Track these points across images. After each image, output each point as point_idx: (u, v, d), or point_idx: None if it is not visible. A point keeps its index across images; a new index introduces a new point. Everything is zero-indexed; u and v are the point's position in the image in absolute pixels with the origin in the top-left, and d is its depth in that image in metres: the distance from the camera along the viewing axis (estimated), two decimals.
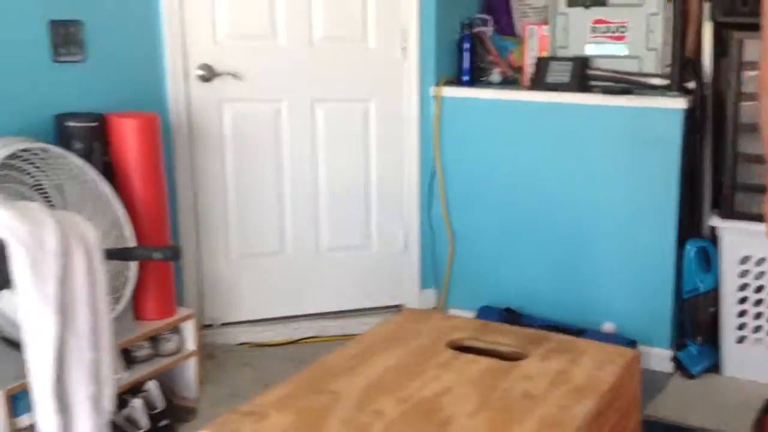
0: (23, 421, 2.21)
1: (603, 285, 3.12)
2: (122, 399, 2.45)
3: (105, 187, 2.37)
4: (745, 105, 2.84)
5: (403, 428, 1.35)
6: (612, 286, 3.10)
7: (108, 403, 1.62)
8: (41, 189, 2.24)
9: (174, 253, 1.73)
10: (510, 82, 3.42)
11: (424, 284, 3.47)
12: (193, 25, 2.93)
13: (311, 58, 3.13)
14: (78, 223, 1.57)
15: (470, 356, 1.60)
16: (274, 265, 3.23)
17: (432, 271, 3.46)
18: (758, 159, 2.78)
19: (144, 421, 2.47)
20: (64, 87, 2.58)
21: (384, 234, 3.39)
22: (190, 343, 2.75)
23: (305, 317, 3.32)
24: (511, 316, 3.20)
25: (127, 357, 2.56)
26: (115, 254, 1.69)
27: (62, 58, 2.55)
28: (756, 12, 2.11)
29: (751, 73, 2.80)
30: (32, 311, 1.44)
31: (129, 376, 2.50)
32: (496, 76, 3.42)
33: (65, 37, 2.54)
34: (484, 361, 1.58)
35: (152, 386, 2.58)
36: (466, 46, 3.35)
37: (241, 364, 3.04)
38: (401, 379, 1.51)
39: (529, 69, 3.31)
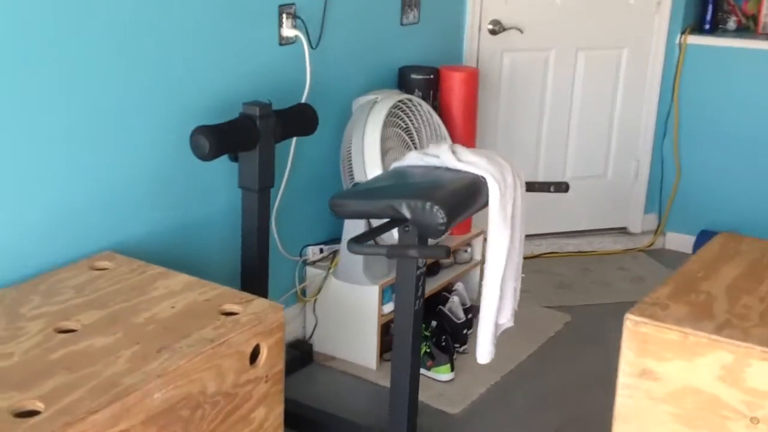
0: (387, 307, 2.89)
1: None
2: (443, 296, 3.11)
3: (444, 130, 3.00)
4: None
5: None
6: None
7: (518, 293, 2.27)
8: (407, 130, 2.88)
9: (566, 187, 2.34)
10: (744, 29, 3.83)
11: (648, 209, 3.99)
12: None
13: (578, 11, 3.62)
14: (512, 165, 2.18)
15: None
16: None
17: (657, 199, 3.96)
18: None
19: (460, 313, 3.13)
20: (405, 45, 3.17)
21: (619, 165, 3.89)
22: (478, 254, 3.39)
23: (545, 236, 3.87)
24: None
25: (437, 265, 3.20)
26: (528, 187, 2.27)
27: (406, 21, 3.17)
28: None
29: None
30: (496, 227, 2.07)
31: (440, 279, 3.14)
32: (731, 23, 3.84)
33: (409, 4, 3.14)
34: None
35: (460, 287, 3.21)
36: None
37: None
38: (753, 285, 2.06)
39: (765, 18, 3.72)
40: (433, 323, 2.88)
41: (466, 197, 2.01)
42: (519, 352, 2.97)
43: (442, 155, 2.15)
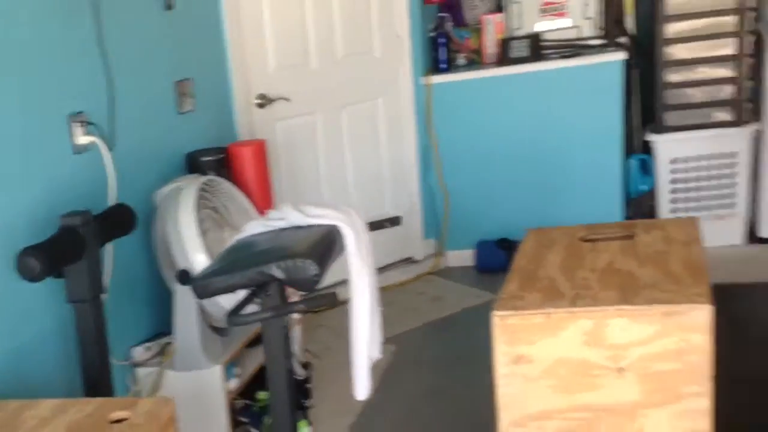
0: (232, 384, 2.86)
1: (572, 202, 4.05)
2: None
3: (247, 202, 3.06)
4: (670, 47, 3.88)
5: (604, 279, 2.18)
6: (579, 200, 4.04)
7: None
8: (216, 209, 2.91)
9: (399, 220, 2.53)
10: (472, 62, 4.31)
11: (427, 236, 4.32)
12: (250, 66, 3.60)
13: (334, 72, 3.89)
14: (355, 210, 2.31)
15: (603, 243, 2.47)
16: None
17: (433, 224, 4.31)
18: (678, 85, 3.85)
19: (299, 369, 3.16)
20: (188, 132, 3.22)
21: (397, 202, 4.17)
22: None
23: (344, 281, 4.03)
24: (504, 244, 4.11)
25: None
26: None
27: (184, 110, 3.21)
28: None
29: (673, 25, 3.84)
30: (357, 269, 2.18)
31: None
32: (462, 60, 4.31)
33: (183, 93, 3.19)
34: (615, 243, 2.46)
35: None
36: (441, 40, 4.21)
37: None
38: (576, 262, 2.34)
39: (489, 50, 4.21)
40: None
41: (328, 247, 2.11)
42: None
43: (289, 216, 2.23)
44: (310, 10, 3.79)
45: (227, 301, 2.69)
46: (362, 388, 2.24)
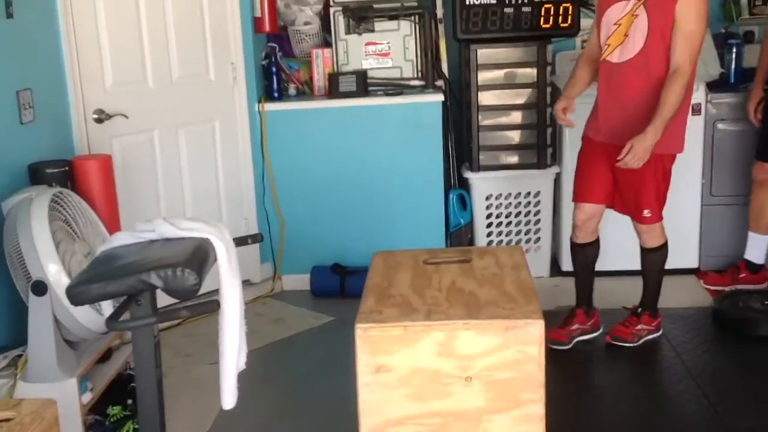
0: (85, 398, 2.84)
1: (399, 230, 4.35)
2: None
3: (95, 216, 3.05)
4: (481, 93, 4.29)
5: (450, 297, 2.43)
6: (406, 229, 4.35)
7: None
8: (66, 221, 2.88)
9: (261, 237, 2.65)
10: (302, 93, 4.51)
11: (263, 260, 4.45)
12: (87, 81, 3.57)
13: (171, 92, 3.93)
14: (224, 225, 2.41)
15: (445, 265, 2.73)
16: None
17: (269, 248, 4.44)
18: (490, 128, 4.27)
19: None
20: (29, 143, 3.15)
21: (232, 225, 4.25)
22: None
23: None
24: (337, 269, 4.34)
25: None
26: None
27: (25, 121, 3.14)
28: (486, 30, 4.00)
29: (483, 73, 4.25)
30: (228, 281, 2.28)
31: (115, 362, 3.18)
32: (292, 89, 4.49)
33: (25, 105, 3.13)
34: (455, 266, 2.73)
35: None
36: (273, 69, 4.37)
37: None
38: (424, 281, 2.58)
39: (318, 83, 4.43)
40: (129, 401, 2.94)
41: (203, 258, 2.21)
42: (212, 407, 3.15)
43: (159, 228, 2.30)
44: (145, 29, 3.82)
45: (82, 314, 2.70)
46: (230, 397, 2.34)
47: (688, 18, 3.11)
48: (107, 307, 2.64)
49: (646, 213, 3.38)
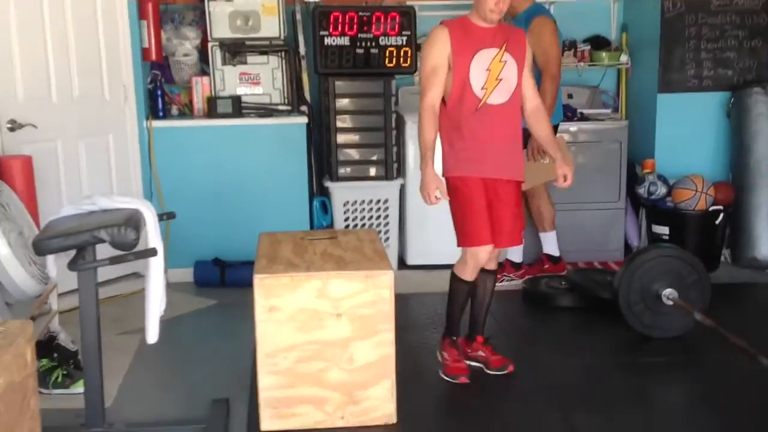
0: None
1: (270, 231, 5.07)
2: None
3: (20, 203, 3.63)
4: (338, 117, 5.13)
5: (324, 258, 3.20)
6: (276, 230, 5.00)
7: None
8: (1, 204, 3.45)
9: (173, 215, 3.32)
10: (184, 114, 5.20)
11: None
12: (2, 95, 4.13)
13: (71, 106, 4.52)
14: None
15: (318, 240, 3.49)
16: None
17: None
18: (346, 146, 5.12)
19: (70, 345, 3.73)
20: None
21: None
22: (55, 305, 4.03)
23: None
24: (218, 262, 5.02)
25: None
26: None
27: None
28: (341, 66, 4.74)
29: (339, 101, 5.11)
30: (155, 239, 2.95)
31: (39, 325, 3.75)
32: (175, 110, 5.18)
33: None
34: (325, 240, 3.51)
35: (58, 328, 3.83)
36: (159, 92, 5.05)
37: None
38: (302, 250, 3.32)
39: (197, 105, 5.15)
40: (55, 355, 3.52)
41: (137, 222, 2.88)
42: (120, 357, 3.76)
43: (99, 201, 2.97)
44: (51, 53, 4.40)
45: (20, 278, 3.29)
46: (153, 334, 3.01)
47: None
48: (51, 267, 3.23)
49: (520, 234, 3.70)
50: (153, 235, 2.99)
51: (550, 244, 4.99)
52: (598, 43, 5.81)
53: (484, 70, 3.44)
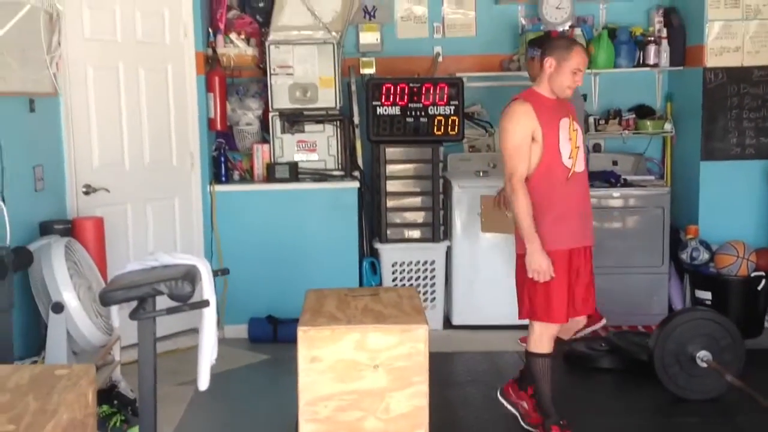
0: None
1: None
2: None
3: (91, 260, 3.98)
4: (388, 182, 5.41)
5: (364, 313, 3.43)
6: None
7: None
8: (75, 262, 3.80)
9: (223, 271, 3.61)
10: (244, 179, 5.55)
11: None
12: (80, 161, 4.55)
13: (142, 173, 4.92)
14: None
15: (360, 297, 3.73)
16: None
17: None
18: (395, 210, 5.38)
19: (130, 394, 4.05)
20: (37, 209, 4.08)
21: None
22: (117, 356, 4.34)
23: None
24: (271, 320, 5.30)
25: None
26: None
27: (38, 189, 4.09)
28: (392, 134, 4.93)
29: (390, 166, 5.39)
30: (210, 293, 3.23)
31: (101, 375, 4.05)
32: (236, 176, 5.54)
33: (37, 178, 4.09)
34: (367, 296, 3.75)
35: (120, 377, 4.14)
36: (222, 159, 5.42)
37: None
38: (345, 305, 3.56)
39: (258, 170, 5.49)
40: (115, 402, 3.81)
41: (193, 276, 3.17)
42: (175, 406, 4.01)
43: (160, 257, 3.27)
44: (125, 124, 4.83)
45: (87, 330, 3.61)
46: (205, 381, 3.26)
47: None
48: (114, 317, 3.54)
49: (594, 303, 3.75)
50: (207, 289, 3.26)
51: None
52: (644, 112, 6.00)
53: (567, 140, 3.52)
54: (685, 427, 3.86)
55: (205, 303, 3.12)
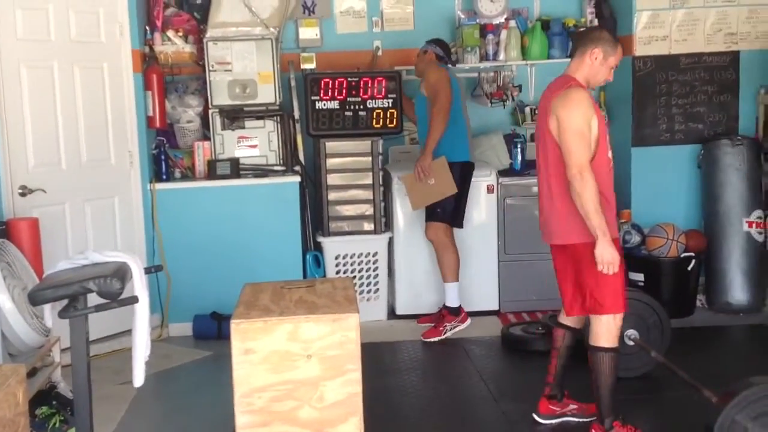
0: None
1: None
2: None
3: (26, 262, 3.99)
4: (329, 176, 5.47)
5: (297, 304, 3.50)
6: None
7: None
8: (7, 263, 3.80)
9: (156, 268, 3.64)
10: (186, 176, 5.58)
11: (152, 311, 5.36)
12: (15, 162, 4.53)
13: (79, 172, 4.92)
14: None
15: (296, 289, 3.79)
16: None
17: (158, 301, 5.38)
18: (337, 203, 5.44)
19: (69, 394, 4.07)
20: None
21: None
22: (57, 358, 4.36)
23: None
24: (215, 316, 5.33)
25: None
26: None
27: None
28: (332, 128, 5.01)
29: (330, 160, 5.45)
30: (142, 290, 3.27)
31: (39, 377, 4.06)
32: (178, 173, 5.56)
33: None
34: (303, 288, 3.81)
35: (59, 377, 4.16)
36: (162, 157, 5.44)
37: None
38: (280, 297, 3.62)
39: (199, 167, 5.52)
40: (54, 402, 3.83)
41: (123, 274, 3.21)
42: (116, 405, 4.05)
43: (90, 256, 3.30)
44: (60, 123, 4.83)
45: (22, 331, 3.62)
46: (140, 377, 3.30)
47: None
48: (48, 317, 3.56)
49: None
50: (138, 286, 3.30)
51: (450, 296, 5.20)
52: None
53: (605, 132, 3.52)
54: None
55: (135, 299, 3.15)
